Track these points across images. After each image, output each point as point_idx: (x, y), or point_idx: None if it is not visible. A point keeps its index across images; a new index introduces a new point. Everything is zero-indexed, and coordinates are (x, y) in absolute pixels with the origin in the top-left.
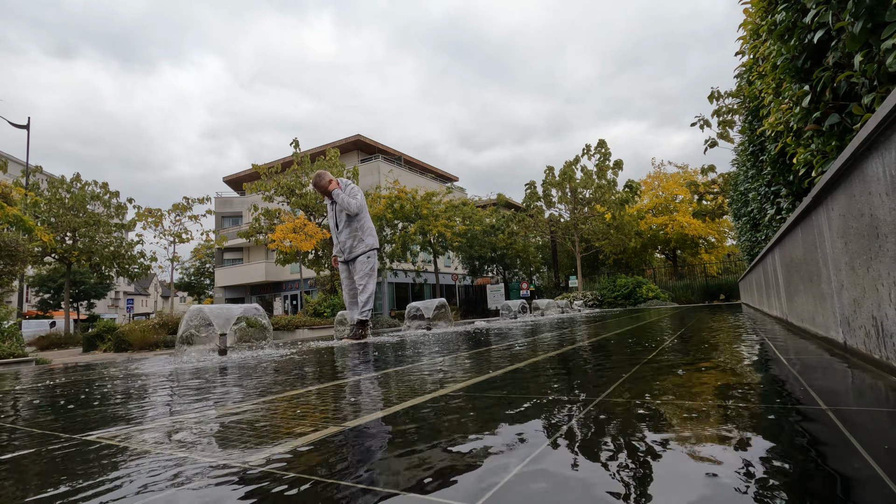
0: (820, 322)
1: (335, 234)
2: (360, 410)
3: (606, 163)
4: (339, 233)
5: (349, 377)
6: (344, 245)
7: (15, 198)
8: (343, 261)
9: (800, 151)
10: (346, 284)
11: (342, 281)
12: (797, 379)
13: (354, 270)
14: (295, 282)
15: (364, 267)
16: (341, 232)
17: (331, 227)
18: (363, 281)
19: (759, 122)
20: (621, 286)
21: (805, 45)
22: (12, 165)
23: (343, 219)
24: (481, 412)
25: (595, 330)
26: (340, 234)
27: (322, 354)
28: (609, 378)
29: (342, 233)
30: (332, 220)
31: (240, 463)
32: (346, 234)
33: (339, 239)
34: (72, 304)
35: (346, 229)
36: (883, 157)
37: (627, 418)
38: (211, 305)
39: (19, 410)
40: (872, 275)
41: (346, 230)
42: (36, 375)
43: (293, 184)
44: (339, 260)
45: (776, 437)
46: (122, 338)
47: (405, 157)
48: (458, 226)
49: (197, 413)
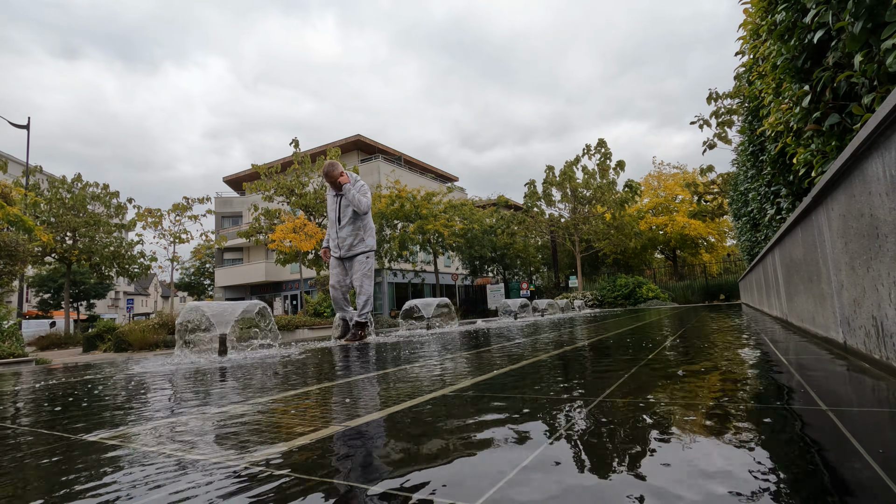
0: (820, 322)
1: (335, 227)
2: (362, 410)
3: (607, 162)
4: (340, 227)
5: (363, 375)
6: (343, 241)
7: (15, 198)
8: (339, 257)
9: (800, 151)
10: (338, 280)
11: (332, 275)
12: (797, 379)
13: (351, 269)
14: (295, 282)
15: (363, 267)
16: (343, 227)
17: (330, 219)
18: (361, 282)
19: (759, 122)
20: (621, 286)
21: (805, 45)
22: (13, 165)
23: (348, 214)
24: (482, 412)
25: (595, 330)
26: (342, 230)
27: (325, 355)
28: (609, 378)
29: (344, 228)
30: (332, 213)
31: (240, 462)
32: (348, 230)
33: (339, 234)
34: (72, 304)
35: (350, 226)
36: (883, 157)
37: (628, 418)
38: (209, 302)
39: (19, 410)
40: (872, 275)
41: (349, 227)
42: (36, 375)
43: (293, 184)
44: (335, 255)
45: (776, 437)
46: (122, 338)
47: (405, 156)
48: (457, 225)
49: (197, 418)
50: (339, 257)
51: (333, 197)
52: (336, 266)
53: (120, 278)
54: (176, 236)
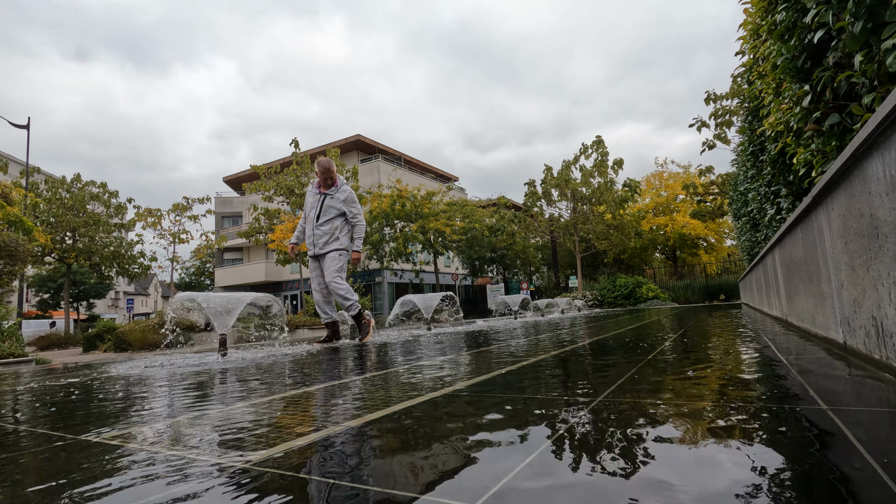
0: (820, 322)
1: (311, 224)
2: (364, 410)
3: (605, 161)
4: (317, 225)
5: (379, 373)
6: (319, 239)
7: (15, 198)
8: (313, 255)
9: (800, 151)
10: (318, 283)
11: (312, 280)
12: (797, 379)
13: (324, 265)
14: (295, 282)
15: (335, 263)
16: (321, 225)
17: (308, 216)
18: (334, 277)
19: (759, 123)
20: (621, 286)
21: (805, 45)
22: (13, 165)
23: (330, 214)
24: (483, 411)
25: (595, 330)
26: (319, 227)
27: (330, 355)
28: (609, 378)
29: (321, 226)
30: (311, 210)
31: (242, 462)
32: (325, 228)
33: (315, 231)
34: (72, 304)
35: (327, 225)
36: (883, 157)
37: (628, 418)
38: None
39: (18, 410)
40: (872, 275)
41: (326, 225)
42: (34, 375)
43: (293, 184)
44: (310, 254)
45: (776, 437)
46: (122, 338)
47: (405, 156)
48: (458, 223)
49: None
50: (313, 255)
51: (316, 194)
52: (314, 270)
53: (120, 278)
54: (175, 236)
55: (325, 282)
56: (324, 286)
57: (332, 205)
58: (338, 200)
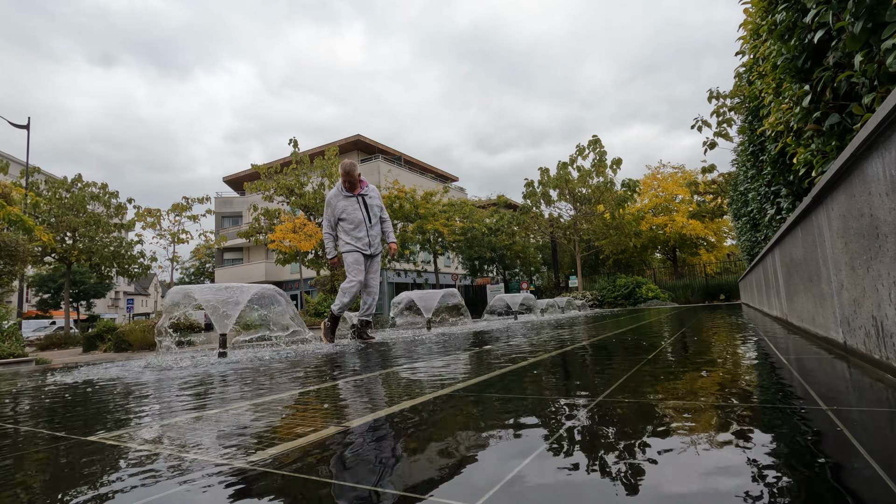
0: (820, 322)
1: (364, 228)
2: (365, 409)
3: (604, 160)
4: (371, 226)
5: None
6: (375, 240)
7: (15, 198)
8: (369, 254)
9: (800, 151)
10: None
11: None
12: (797, 379)
13: (371, 267)
14: (295, 282)
15: (379, 267)
16: (374, 226)
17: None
18: (376, 281)
19: (759, 122)
20: (621, 286)
21: (805, 45)
22: (13, 166)
23: (377, 214)
24: (484, 410)
25: (595, 330)
26: (373, 228)
27: (335, 356)
28: (609, 378)
29: (375, 227)
30: (359, 213)
31: (243, 463)
32: (378, 229)
33: (370, 233)
34: (72, 304)
35: (378, 225)
36: (883, 157)
37: (628, 418)
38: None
39: (18, 410)
40: (872, 275)
41: (378, 226)
42: (35, 375)
43: (293, 184)
44: (365, 253)
45: (776, 437)
46: (122, 338)
47: (405, 156)
48: (457, 224)
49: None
50: (369, 254)
51: (349, 197)
52: (362, 262)
53: (120, 278)
54: (175, 236)
55: (364, 280)
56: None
57: (373, 204)
58: (376, 199)
